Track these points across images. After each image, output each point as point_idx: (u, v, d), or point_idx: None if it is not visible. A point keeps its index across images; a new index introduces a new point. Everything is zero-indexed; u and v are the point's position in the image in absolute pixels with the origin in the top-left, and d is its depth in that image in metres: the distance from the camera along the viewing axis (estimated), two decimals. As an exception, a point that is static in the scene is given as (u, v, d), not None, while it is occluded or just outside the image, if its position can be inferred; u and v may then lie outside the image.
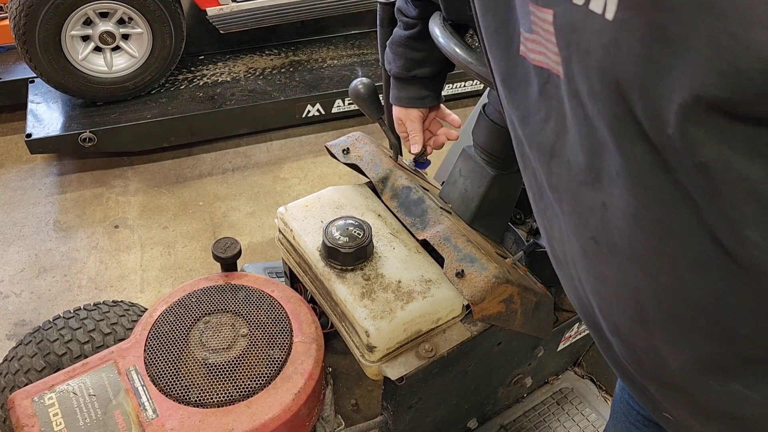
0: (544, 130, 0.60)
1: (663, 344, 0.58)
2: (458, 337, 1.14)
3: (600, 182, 0.54)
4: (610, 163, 0.52)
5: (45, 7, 2.49)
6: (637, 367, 0.65)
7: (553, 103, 0.57)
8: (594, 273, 0.62)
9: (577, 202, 0.59)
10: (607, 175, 0.53)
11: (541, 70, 0.57)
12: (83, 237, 2.57)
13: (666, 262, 0.53)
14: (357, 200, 1.30)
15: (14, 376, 1.25)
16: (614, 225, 0.55)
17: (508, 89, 0.64)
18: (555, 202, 0.63)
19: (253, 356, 1.09)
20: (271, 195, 2.81)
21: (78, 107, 2.85)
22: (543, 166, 0.62)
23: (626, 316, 0.60)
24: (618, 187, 0.52)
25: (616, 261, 0.57)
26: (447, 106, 1.36)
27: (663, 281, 0.54)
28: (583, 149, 0.55)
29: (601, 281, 0.61)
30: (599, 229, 0.57)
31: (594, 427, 1.59)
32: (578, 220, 0.60)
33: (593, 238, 0.58)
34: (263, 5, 2.94)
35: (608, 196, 0.54)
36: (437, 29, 1.12)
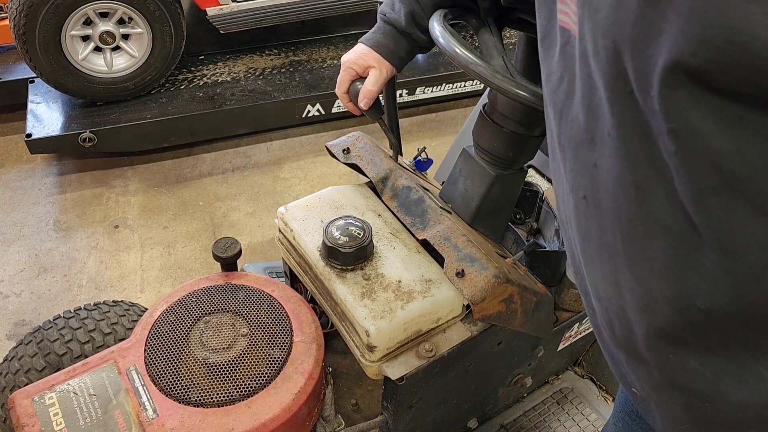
0: (558, 90, 0.62)
1: (631, 309, 0.60)
2: (458, 337, 1.14)
3: (594, 143, 0.56)
4: (603, 124, 0.54)
5: (45, 7, 2.49)
6: (610, 334, 0.67)
7: (567, 63, 0.59)
8: (582, 231, 0.64)
9: (576, 160, 0.61)
10: (600, 136, 0.55)
11: (563, 30, 0.59)
12: (83, 237, 2.57)
13: (640, 226, 0.54)
14: (357, 200, 1.30)
15: (14, 375, 1.25)
16: (602, 185, 0.57)
17: (543, 49, 0.66)
18: (561, 161, 0.65)
19: (253, 356, 1.10)
20: (271, 195, 2.81)
21: (78, 107, 2.85)
22: (556, 124, 0.64)
23: (604, 277, 0.63)
24: (608, 147, 0.54)
25: (599, 221, 0.59)
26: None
27: (636, 245, 0.56)
28: (584, 109, 0.57)
29: (587, 240, 0.63)
30: (589, 188, 0.59)
31: (594, 427, 1.59)
32: (575, 178, 0.62)
33: (584, 197, 0.61)
34: (263, 5, 2.94)
35: (599, 156, 0.56)
36: (437, 29, 1.12)
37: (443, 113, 3.31)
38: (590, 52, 0.53)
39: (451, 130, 3.21)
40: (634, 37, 0.46)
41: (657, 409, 0.67)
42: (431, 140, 3.13)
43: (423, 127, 3.24)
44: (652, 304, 0.57)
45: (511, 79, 1.02)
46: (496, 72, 1.03)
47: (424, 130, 3.23)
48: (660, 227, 0.53)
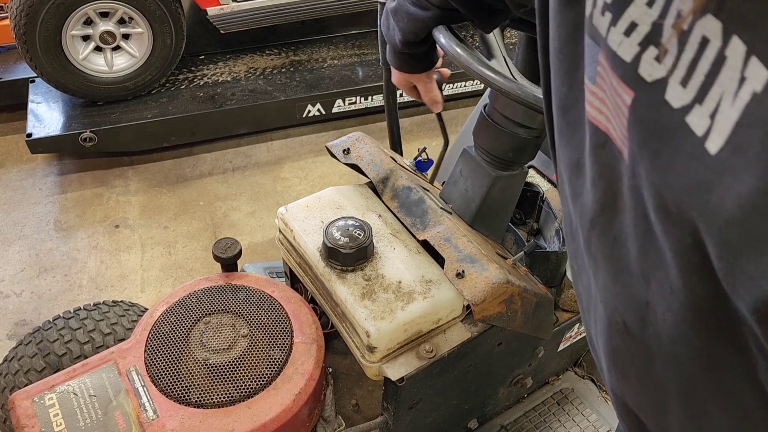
0: (588, 192, 0.51)
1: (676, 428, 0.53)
2: (459, 338, 1.14)
3: (648, 284, 0.46)
4: (665, 280, 0.44)
5: (45, 6, 2.49)
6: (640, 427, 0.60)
7: (606, 172, 0.48)
8: (613, 346, 0.55)
9: (614, 283, 0.51)
10: (658, 286, 0.45)
11: (597, 130, 0.48)
12: (84, 237, 2.57)
13: (706, 391, 0.46)
14: (357, 200, 1.30)
15: (14, 376, 1.25)
16: (652, 327, 0.47)
17: (567, 123, 0.54)
18: (589, 265, 0.55)
19: (253, 357, 1.09)
20: (272, 195, 2.81)
21: (78, 107, 2.85)
22: (583, 227, 0.54)
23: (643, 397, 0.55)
24: (668, 301, 0.44)
25: (645, 357, 0.50)
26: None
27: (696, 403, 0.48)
28: (637, 246, 0.46)
29: (621, 357, 0.54)
30: (634, 323, 0.49)
31: (594, 428, 1.59)
32: (611, 299, 0.52)
33: (624, 324, 0.51)
34: (263, 5, 2.94)
35: (657, 302, 0.46)
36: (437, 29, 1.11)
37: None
38: (650, 204, 0.42)
39: (451, 130, 3.17)
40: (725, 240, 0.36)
41: None
42: (431, 140, 3.13)
43: (423, 127, 3.24)
44: None
45: (512, 80, 1.02)
46: (497, 72, 1.03)
47: (424, 130, 3.23)
48: (735, 404, 0.44)
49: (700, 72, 0.36)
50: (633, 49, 0.41)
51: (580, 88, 0.49)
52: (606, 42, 0.43)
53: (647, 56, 0.40)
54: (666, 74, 0.38)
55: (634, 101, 0.41)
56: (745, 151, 0.33)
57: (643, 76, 0.40)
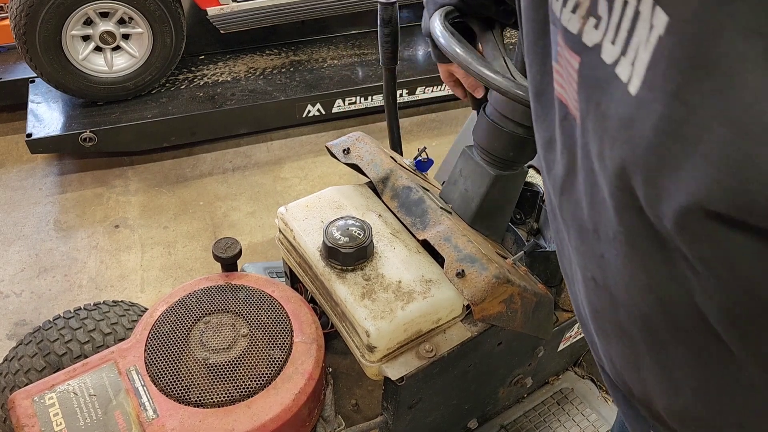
0: (558, 162, 0.58)
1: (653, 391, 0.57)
2: (458, 338, 1.14)
3: (599, 236, 0.53)
4: (608, 226, 0.50)
5: (45, 7, 2.49)
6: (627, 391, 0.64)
7: (567, 141, 0.56)
8: (593, 306, 0.61)
9: (580, 241, 0.58)
10: (605, 234, 0.51)
11: (561, 104, 0.55)
12: (83, 237, 2.57)
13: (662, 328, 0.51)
14: (357, 200, 1.30)
15: (14, 376, 1.25)
16: (612, 277, 0.53)
17: (541, 106, 0.62)
18: (564, 231, 0.62)
19: (253, 356, 1.09)
20: (272, 195, 2.81)
21: (78, 107, 2.85)
22: (555, 195, 0.61)
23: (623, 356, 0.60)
24: (614, 248, 0.51)
25: (614, 307, 0.56)
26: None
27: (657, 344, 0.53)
28: (587, 198, 0.53)
29: (600, 316, 0.60)
30: (599, 275, 0.56)
31: (594, 428, 1.59)
32: (581, 258, 0.58)
33: (593, 279, 0.57)
34: (263, 5, 2.94)
35: (607, 251, 0.52)
36: (437, 29, 1.12)
37: (444, 113, 3.31)
38: (594, 153, 0.49)
39: (451, 130, 3.21)
40: (646, 164, 0.42)
41: None
42: (431, 140, 3.13)
43: (423, 127, 3.24)
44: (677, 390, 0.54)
45: (512, 80, 1.02)
46: (496, 72, 1.03)
47: (424, 130, 3.23)
48: (684, 333, 0.49)
49: (623, 29, 0.44)
50: (578, 22, 0.49)
51: (550, 73, 0.57)
52: (560, 21, 0.51)
53: (588, 26, 0.48)
54: (601, 38, 0.46)
55: (580, 65, 0.49)
56: (654, 86, 0.40)
57: (586, 42, 0.48)
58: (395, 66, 1.49)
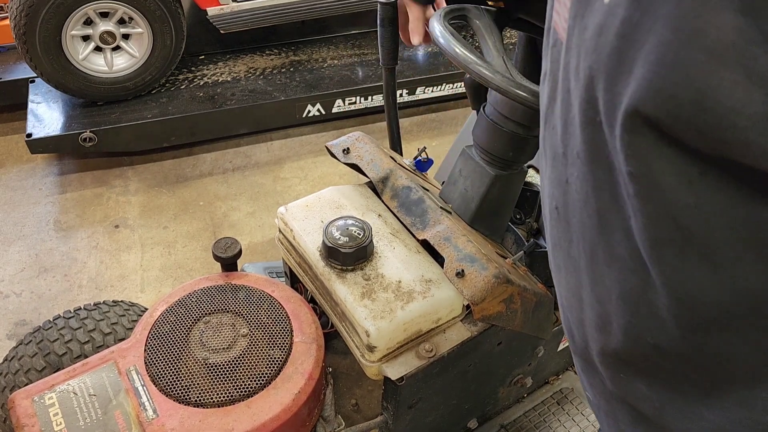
0: (544, 92, 0.61)
1: (590, 326, 0.60)
2: (458, 337, 1.14)
3: (566, 158, 0.55)
4: (574, 144, 0.53)
5: (45, 6, 2.49)
6: (571, 339, 0.68)
7: (553, 68, 0.58)
8: (553, 239, 0.64)
9: (552, 169, 0.60)
10: (571, 154, 0.54)
11: (554, 32, 0.58)
12: (83, 237, 2.58)
13: (601, 252, 0.53)
14: (357, 200, 1.30)
15: (14, 375, 1.25)
16: (571, 202, 0.56)
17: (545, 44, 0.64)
18: (544, 164, 0.64)
19: (253, 356, 1.10)
20: (272, 195, 2.81)
21: (78, 107, 2.85)
22: (542, 126, 0.63)
23: (569, 288, 0.62)
24: (576, 168, 0.53)
25: (568, 234, 0.59)
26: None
27: (597, 269, 0.55)
28: (561, 121, 0.55)
29: (557, 248, 0.63)
30: (561, 202, 0.58)
31: (594, 427, 1.59)
32: (551, 186, 0.61)
33: (557, 208, 0.60)
34: (263, 5, 2.94)
35: (570, 174, 0.55)
36: (437, 29, 1.12)
37: (443, 113, 3.31)
38: (572, 68, 0.51)
39: (451, 130, 3.21)
40: (607, 69, 0.44)
41: (605, 418, 0.67)
42: (431, 140, 3.13)
43: (423, 127, 3.24)
44: (608, 327, 0.56)
45: (511, 79, 1.02)
46: (496, 72, 1.03)
47: (424, 130, 3.23)
48: (618, 260, 0.51)
49: None
50: None
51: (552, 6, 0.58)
52: None
53: None
54: None
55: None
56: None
57: None
58: (395, 66, 1.49)
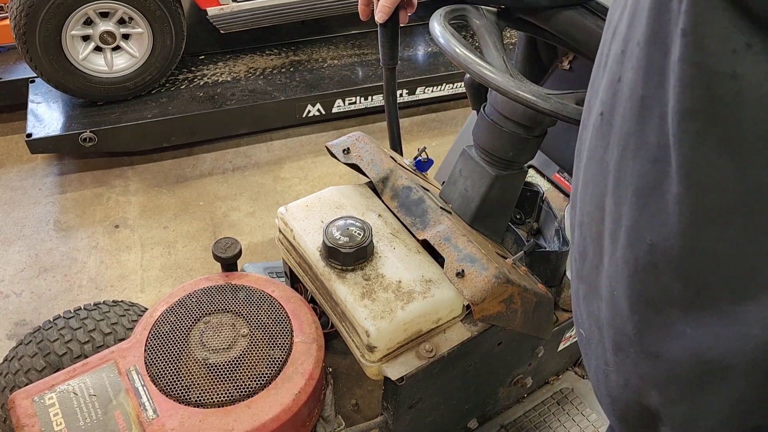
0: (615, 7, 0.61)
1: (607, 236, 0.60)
2: (458, 337, 1.14)
3: (624, 54, 0.55)
4: (637, 32, 0.52)
5: (45, 7, 2.49)
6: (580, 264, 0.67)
7: None
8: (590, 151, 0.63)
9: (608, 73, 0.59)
10: (631, 47, 0.54)
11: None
12: (83, 237, 2.57)
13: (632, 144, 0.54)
14: (357, 200, 1.30)
15: (14, 375, 1.25)
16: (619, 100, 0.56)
17: None
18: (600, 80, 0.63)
19: (253, 356, 1.10)
20: (272, 195, 2.81)
21: (78, 107, 2.85)
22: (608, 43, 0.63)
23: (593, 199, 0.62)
24: (633, 59, 0.53)
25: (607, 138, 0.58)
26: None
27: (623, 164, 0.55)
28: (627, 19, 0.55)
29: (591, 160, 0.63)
30: (608, 104, 0.58)
31: (594, 427, 1.59)
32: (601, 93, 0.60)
33: (602, 114, 0.60)
34: (263, 5, 2.94)
35: (625, 69, 0.55)
36: (437, 29, 1.12)
37: (443, 113, 3.31)
38: None
39: (451, 130, 3.21)
40: None
41: (594, 352, 0.67)
42: (431, 140, 3.13)
43: (423, 127, 3.24)
44: (618, 232, 0.57)
45: (511, 79, 1.02)
46: (496, 72, 1.03)
47: (424, 130, 3.23)
48: (645, 149, 0.52)
49: None
50: None
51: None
52: None
53: None
54: None
55: None
56: None
57: None
58: (395, 66, 1.49)
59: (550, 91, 1.03)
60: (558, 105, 0.99)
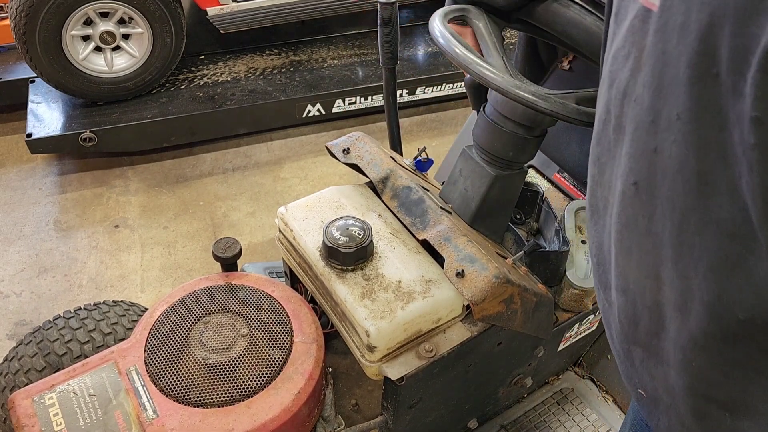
0: (624, 68, 0.59)
1: (669, 305, 0.58)
2: (458, 337, 1.14)
3: (657, 125, 0.54)
4: (673, 106, 0.51)
5: (45, 6, 2.49)
6: (632, 329, 0.65)
7: (636, 39, 0.57)
8: (624, 219, 0.61)
9: (633, 143, 0.58)
10: (667, 119, 0.52)
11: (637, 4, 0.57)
12: (83, 237, 2.57)
13: (694, 219, 0.52)
14: (357, 200, 1.30)
15: (14, 375, 1.25)
16: (660, 171, 0.54)
17: (615, 24, 0.63)
18: (614, 144, 0.63)
19: (253, 356, 1.10)
20: (272, 195, 2.81)
21: (78, 107, 2.85)
22: (617, 104, 0.61)
23: (642, 268, 0.60)
24: (674, 132, 0.51)
25: (650, 209, 0.57)
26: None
27: (685, 238, 0.53)
28: (650, 89, 0.54)
29: (629, 229, 0.61)
30: (644, 174, 0.57)
31: (594, 427, 1.59)
32: (628, 162, 0.59)
33: (635, 183, 0.58)
34: (263, 5, 2.94)
35: (662, 141, 0.53)
36: (437, 29, 1.12)
37: (443, 113, 3.31)
38: (674, 26, 0.49)
39: (451, 130, 3.21)
40: (738, 11, 0.43)
41: (665, 412, 0.65)
42: (431, 140, 3.13)
43: (423, 127, 3.24)
44: (690, 304, 0.55)
45: (511, 79, 1.02)
46: (496, 72, 1.03)
47: (424, 130, 3.23)
48: (715, 224, 0.50)
49: None
50: None
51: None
52: None
53: None
54: None
55: None
56: None
57: None
58: (395, 66, 1.49)
59: (550, 91, 1.03)
60: (558, 105, 0.99)
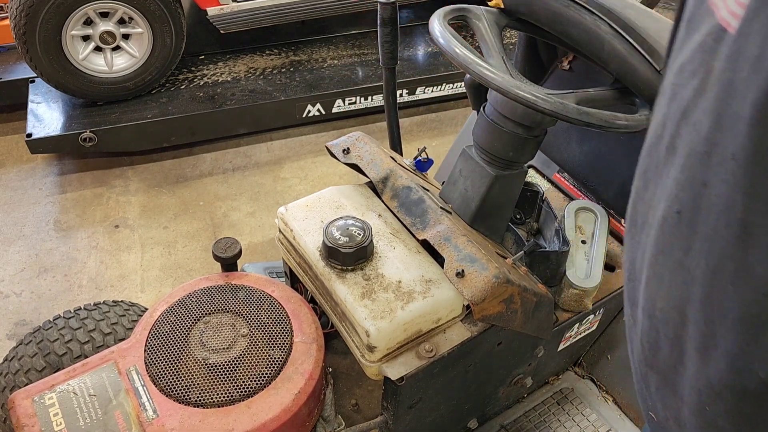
0: (688, 85, 0.56)
1: (690, 343, 0.56)
2: (458, 337, 1.14)
3: (710, 158, 0.50)
4: (729, 143, 0.48)
5: (45, 6, 2.49)
6: (651, 354, 0.63)
7: (706, 58, 0.53)
8: (660, 245, 0.59)
9: (683, 170, 0.55)
10: (721, 155, 0.49)
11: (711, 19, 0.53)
12: (83, 237, 2.58)
13: (730, 267, 0.49)
14: (357, 200, 1.30)
15: (14, 375, 1.25)
16: (704, 206, 0.51)
17: (686, 32, 0.60)
18: (664, 163, 0.60)
19: (253, 356, 1.10)
20: (272, 195, 2.81)
21: (78, 107, 2.85)
22: (674, 123, 0.58)
23: (670, 299, 0.58)
24: (726, 170, 0.48)
25: (688, 243, 0.54)
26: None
27: (718, 284, 0.51)
28: (711, 117, 0.51)
29: (664, 256, 0.59)
30: (688, 206, 0.54)
31: (594, 427, 1.59)
32: (675, 188, 0.56)
33: (678, 212, 0.55)
34: (263, 5, 2.94)
35: (713, 176, 0.50)
36: (437, 29, 1.12)
37: (443, 113, 3.31)
38: (748, 57, 0.46)
39: (451, 130, 3.21)
40: None
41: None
42: (431, 140, 3.13)
43: (423, 127, 3.24)
44: (711, 351, 0.53)
45: (511, 79, 1.02)
46: (496, 72, 1.03)
47: (424, 130, 3.23)
48: (752, 278, 0.47)
49: None
50: None
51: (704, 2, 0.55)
52: None
53: None
54: None
55: None
56: None
57: None
58: (395, 66, 1.49)
59: (550, 91, 1.03)
60: (558, 105, 0.99)
